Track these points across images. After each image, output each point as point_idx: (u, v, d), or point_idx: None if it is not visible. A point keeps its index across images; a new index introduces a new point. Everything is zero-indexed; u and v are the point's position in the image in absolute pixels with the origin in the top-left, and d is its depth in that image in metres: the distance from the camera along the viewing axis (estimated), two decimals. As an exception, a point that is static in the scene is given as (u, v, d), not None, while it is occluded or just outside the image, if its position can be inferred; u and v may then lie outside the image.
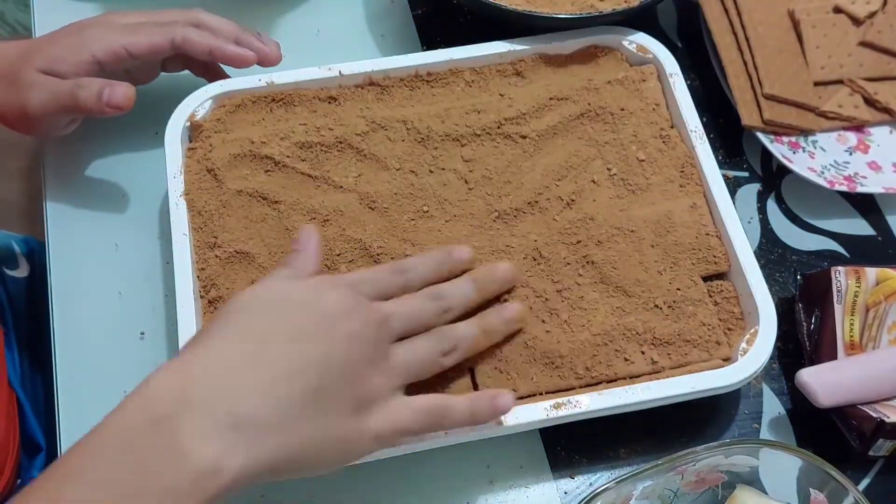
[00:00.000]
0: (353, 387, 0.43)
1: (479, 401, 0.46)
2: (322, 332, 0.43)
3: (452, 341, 0.48)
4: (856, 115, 0.65)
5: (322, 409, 0.41)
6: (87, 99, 0.55)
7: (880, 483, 0.54)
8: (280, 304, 0.44)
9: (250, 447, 0.38)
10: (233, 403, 0.39)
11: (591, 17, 0.62)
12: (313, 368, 0.42)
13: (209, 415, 0.38)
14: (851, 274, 0.56)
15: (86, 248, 0.59)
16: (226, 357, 0.41)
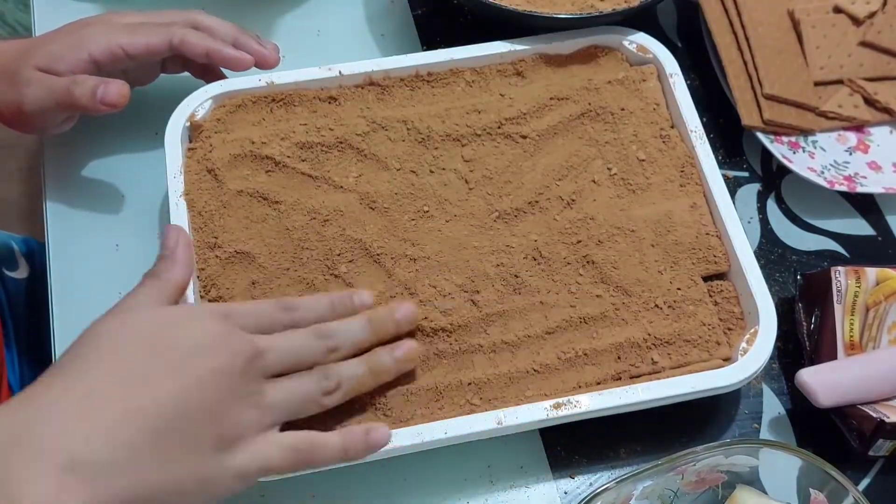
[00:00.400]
0: (214, 425, 0.41)
1: (350, 436, 0.45)
2: (184, 366, 0.41)
3: (335, 380, 0.46)
4: (856, 115, 0.65)
5: (174, 450, 0.40)
6: (82, 96, 0.55)
7: (880, 483, 0.54)
8: (136, 337, 0.42)
9: (90, 489, 0.37)
10: (71, 444, 0.37)
11: (591, 17, 0.62)
12: (163, 409, 0.40)
13: (44, 455, 0.37)
14: (851, 274, 0.56)
15: (86, 248, 0.59)
16: (70, 395, 0.39)
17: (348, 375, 0.47)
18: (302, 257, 0.54)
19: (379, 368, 0.48)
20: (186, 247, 0.47)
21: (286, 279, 0.54)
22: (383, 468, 0.52)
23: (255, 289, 0.53)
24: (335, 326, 0.47)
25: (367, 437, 0.46)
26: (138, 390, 0.40)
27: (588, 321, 0.53)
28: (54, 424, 0.38)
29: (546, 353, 0.52)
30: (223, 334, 0.43)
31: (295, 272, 0.54)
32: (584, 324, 0.53)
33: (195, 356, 0.41)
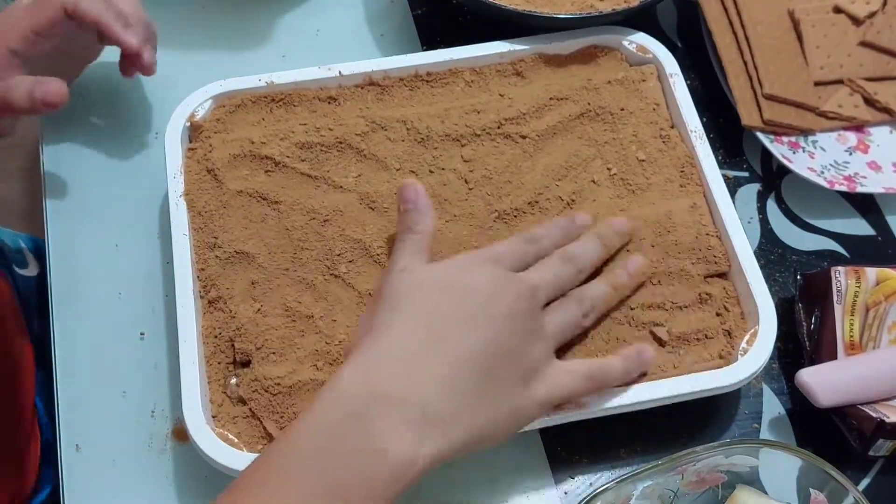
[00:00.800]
0: (517, 361, 0.45)
1: (629, 359, 0.50)
2: (483, 313, 0.45)
3: (590, 302, 0.51)
4: (856, 115, 0.65)
5: (494, 389, 0.44)
6: (20, 100, 0.55)
7: (880, 483, 0.54)
8: (436, 288, 0.46)
9: (438, 436, 0.41)
10: (419, 399, 0.41)
11: (591, 17, 0.62)
12: (483, 352, 0.44)
13: (399, 409, 0.41)
14: (851, 274, 0.56)
15: (86, 248, 0.59)
16: (404, 350, 0.43)
17: (597, 296, 0.51)
18: (302, 257, 0.54)
19: (619, 284, 0.52)
20: (425, 196, 0.51)
21: (286, 279, 0.54)
22: (383, 468, 0.52)
23: (254, 289, 0.53)
24: (575, 249, 0.52)
25: (640, 356, 0.50)
26: (458, 340, 0.44)
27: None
28: (404, 377, 0.42)
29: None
30: (504, 278, 0.47)
31: (295, 272, 0.54)
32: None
33: (491, 303, 0.45)
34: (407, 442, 0.40)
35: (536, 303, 0.47)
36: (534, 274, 0.49)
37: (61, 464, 0.52)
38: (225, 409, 0.50)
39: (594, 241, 0.53)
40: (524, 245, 0.51)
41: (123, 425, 0.53)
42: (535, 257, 0.51)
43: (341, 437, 0.40)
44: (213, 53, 0.67)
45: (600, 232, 0.54)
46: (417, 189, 0.51)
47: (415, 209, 0.50)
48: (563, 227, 0.53)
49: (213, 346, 0.52)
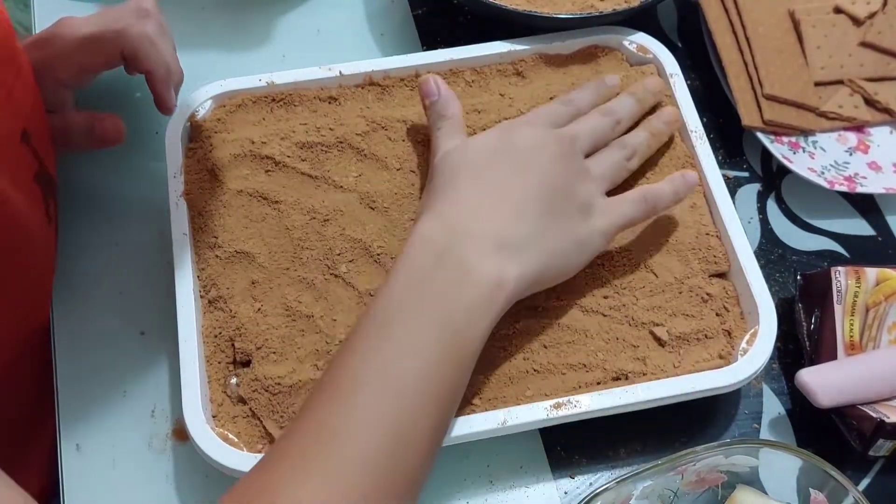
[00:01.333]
0: (572, 197, 0.51)
1: (675, 181, 0.55)
2: (532, 162, 0.51)
3: (632, 147, 0.56)
4: (856, 115, 0.65)
5: (557, 221, 0.50)
6: (79, 139, 0.58)
7: (880, 483, 0.54)
8: (483, 153, 0.52)
9: (518, 261, 0.47)
10: (494, 230, 0.48)
11: (591, 17, 0.62)
12: (539, 192, 0.50)
13: (480, 241, 0.47)
14: (851, 274, 0.56)
15: (86, 247, 0.59)
16: (470, 200, 0.49)
17: (638, 142, 0.56)
18: (302, 257, 0.54)
19: (656, 131, 0.57)
20: (445, 85, 0.57)
21: (286, 279, 0.54)
22: (383, 468, 0.52)
23: (255, 288, 0.53)
24: (612, 104, 0.57)
25: (685, 178, 0.55)
26: (514, 186, 0.50)
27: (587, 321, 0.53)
28: (477, 219, 0.48)
29: (546, 352, 0.52)
30: (544, 132, 0.53)
31: (295, 272, 0.54)
32: (583, 323, 0.53)
33: (537, 153, 0.51)
34: (493, 266, 0.46)
35: (577, 148, 0.53)
36: (573, 126, 0.54)
37: (61, 464, 0.52)
38: (225, 409, 0.50)
39: (630, 98, 0.58)
40: (559, 106, 0.56)
41: (123, 425, 0.53)
42: (572, 116, 0.56)
43: (436, 273, 0.46)
44: (213, 53, 0.67)
45: (635, 90, 0.58)
46: (437, 80, 0.56)
47: (439, 98, 0.55)
48: (594, 89, 0.58)
49: (213, 346, 0.52)
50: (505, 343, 0.52)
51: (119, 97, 0.65)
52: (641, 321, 0.53)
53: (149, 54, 0.58)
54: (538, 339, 0.52)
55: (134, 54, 0.57)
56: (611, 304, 0.54)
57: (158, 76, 0.58)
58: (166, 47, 0.59)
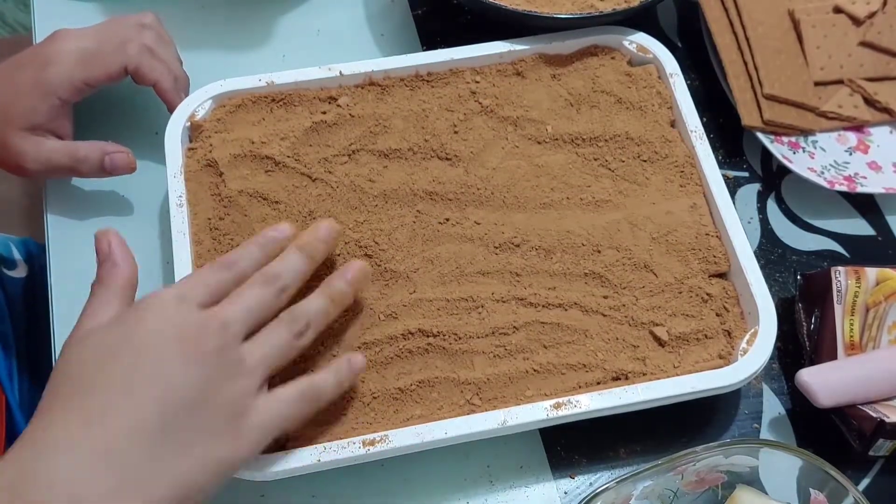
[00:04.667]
0: (209, 409, 0.41)
1: (339, 370, 0.48)
2: (153, 372, 0.41)
3: (304, 320, 0.47)
4: (856, 115, 0.65)
5: (180, 449, 0.40)
6: (90, 172, 0.58)
7: (880, 483, 0.54)
8: (102, 347, 0.42)
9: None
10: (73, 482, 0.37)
11: (591, 17, 0.62)
12: (155, 414, 0.40)
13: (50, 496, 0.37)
14: (851, 274, 0.56)
15: (86, 248, 0.59)
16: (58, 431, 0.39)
17: (314, 311, 0.47)
18: (302, 257, 0.54)
19: (337, 296, 0.49)
20: (120, 245, 0.46)
21: (286, 279, 0.54)
22: (383, 468, 0.52)
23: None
24: (276, 267, 0.47)
25: (350, 365, 0.48)
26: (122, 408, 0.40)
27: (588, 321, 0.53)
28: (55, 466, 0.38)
29: (546, 353, 0.52)
30: (184, 322, 0.43)
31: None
32: (583, 323, 0.53)
33: (165, 354, 0.41)
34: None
35: (230, 338, 0.43)
36: (226, 306, 0.44)
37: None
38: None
39: (296, 255, 0.48)
40: (218, 273, 0.46)
41: (123, 425, 0.53)
42: (235, 283, 0.46)
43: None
44: (213, 53, 0.67)
45: (302, 243, 0.49)
46: (111, 240, 0.46)
47: (108, 260, 0.46)
48: (261, 244, 0.48)
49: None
50: (505, 343, 0.52)
51: (119, 97, 0.65)
52: (641, 321, 0.53)
53: (153, 66, 0.58)
54: (538, 339, 0.52)
55: (137, 69, 0.58)
56: (611, 304, 0.54)
57: (165, 86, 0.59)
58: (168, 56, 0.60)
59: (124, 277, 0.46)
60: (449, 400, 0.50)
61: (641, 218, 0.56)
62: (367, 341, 0.52)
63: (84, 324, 0.44)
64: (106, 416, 0.39)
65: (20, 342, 0.74)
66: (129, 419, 0.39)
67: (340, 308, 0.49)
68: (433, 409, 0.50)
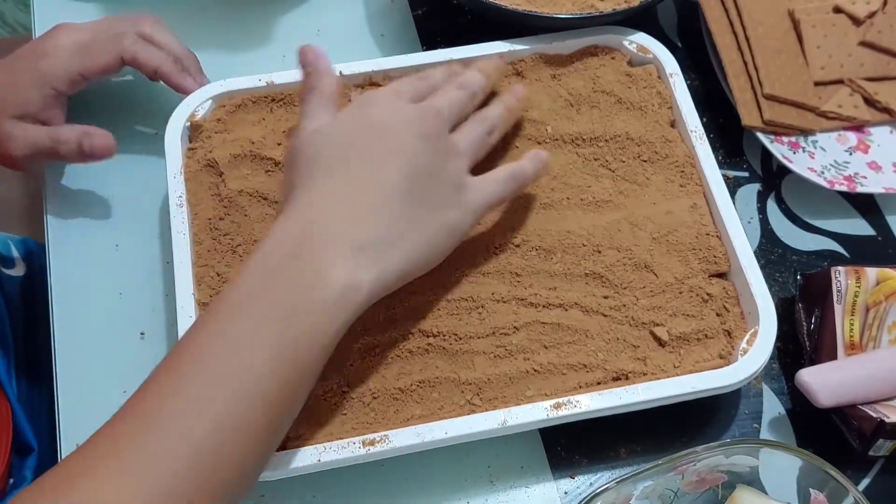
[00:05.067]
0: (439, 179, 0.49)
1: (534, 159, 0.54)
2: (397, 143, 0.48)
3: (491, 121, 0.54)
4: (856, 115, 0.65)
5: (423, 211, 0.48)
6: (69, 154, 0.58)
7: (880, 483, 0.54)
8: (346, 135, 0.48)
9: (377, 263, 0.45)
10: (352, 230, 0.45)
11: (591, 17, 0.62)
12: (406, 178, 0.47)
13: (336, 243, 0.45)
14: (851, 274, 0.56)
15: (86, 248, 0.59)
16: (328, 196, 0.46)
17: (496, 116, 0.55)
18: (302, 257, 0.54)
19: (510, 106, 0.56)
20: (324, 56, 0.53)
21: (286, 279, 0.54)
22: (383, 468, 0.52)
23: (255, 289, 0.53)
24: (465, 79, 0.55)
25: (538, 156, 0.55)
26: (375, 175, 0.47)
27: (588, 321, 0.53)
28: (335, 217, 0.46)
29: (546, 353, 0.52)
30: (408, 107, 0.50)
31: (295, 272, 0.54)
32: (583, 324, 0.53)
33: (401, 132, 0.49)
34: (347, 269, 0.44)
35: (443, 123, 0.51)
36: (435, 99, 0.52)
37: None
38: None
39: (476, 73, 0.56)
40: (417, 81, 0.53)
41: (123, 425, 0.53)
42: (429, 91, 0.53)
43: (288, 272, 0.44)
44: (213, 53, 0.67)
45: (479, 66, 0.57)
46: (316, 50, 0.53)
47: (314, 70, 0.52)
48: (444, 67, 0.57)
49: (213, 346, 0.52)
50: (505, 343, 0.52)
51: (119, 97, 0.65)
52: (642, 321, 0.53)
53: (150, 52, 0.58)
54: (538, 339, 0.52)
55: (133, 57, 0.58)
56: (611, 304, 0.54)
57: (167, 70, 0.59)
58: (167, 40, 0.60)
59: (331, 84, 0.52)
60: (449, 400, 0.50)
61: (642, 218, 0.56)
62: (367, 342, 0.52)
63: (307, 125, 0.50)
64: (366, 181, 0.47)
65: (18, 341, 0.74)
66: (385, 183, 0.47)
67: (513, 118, 0.57)
68: (433, 409, 0.50)
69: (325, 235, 0.45)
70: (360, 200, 0.46)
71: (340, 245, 0.45)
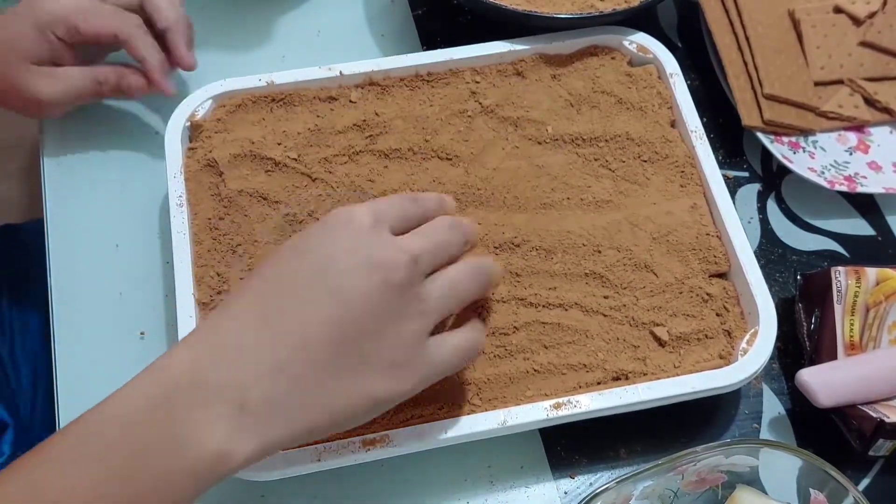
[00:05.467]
0: (382, 344, 0.40)
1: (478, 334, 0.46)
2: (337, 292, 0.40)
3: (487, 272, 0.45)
4: (856, 115, 0.65)
5: (347, 376, 0.39)
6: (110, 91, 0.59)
7: (880, 483, 0.54)
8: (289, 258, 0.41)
9: (261, 430, 0.38)
10: (241, 385, 0.38)
11: (591, 17, 0.62)
12: (332, 331, 0.39)
13: (215, 399, 0.37)
14: (851, 274, 0.56)
15: (86, 248, 0.59)
16: (236, 334, 0.39)
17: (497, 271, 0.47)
18: (302, 257, 0.54)
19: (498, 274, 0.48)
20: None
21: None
22: (384, 468, 0.52)
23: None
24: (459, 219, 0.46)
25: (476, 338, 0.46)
26: (299, 321, 0.39)
27: (588, 321, 0.53)
28: (230, 365, 0.38)
29: (546, 353, 0.52)
30: (378, 245, 0.41)
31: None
32: (584, 324, 0.53)
33: (351, 273, 0.40)
34: (217, 434, 0.37)
35: (416, 275, 0.41)
36: (417, 240, 0.43)
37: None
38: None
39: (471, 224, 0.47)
40: (409, 204, 0.44)
41: (123, 425, 0.53)
42: (420, 219, 0.45)
43: (147, 420, 0.37)
44: (213, 53, 0.67)
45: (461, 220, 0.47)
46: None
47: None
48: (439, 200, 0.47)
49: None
50: (505, 343, 0.52)
51: (119, 98, 0.65)
52: (642, 321, 0.53)
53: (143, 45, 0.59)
54: (538, 339, 0.52)
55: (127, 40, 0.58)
56: (611, 304, 0.54)
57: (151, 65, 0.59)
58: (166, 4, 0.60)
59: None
60: (449, 400, 0.50)
61: (642, 218, 0.56)
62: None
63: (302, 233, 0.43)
64: (289, 323, 0.39)
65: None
66: (308, 332, 0.39)
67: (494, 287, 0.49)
68: (433, 409, 0.50)
69: (210, 385, 0.38)
70: (270, 349, 0.39)
71: (224, 403, 0.37)
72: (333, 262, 0.40)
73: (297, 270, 0.41)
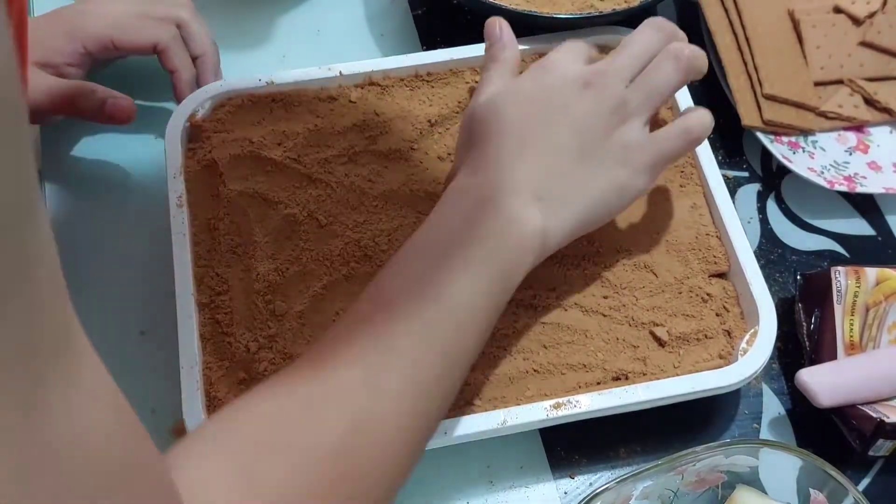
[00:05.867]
0: (608, 140, 0.49)
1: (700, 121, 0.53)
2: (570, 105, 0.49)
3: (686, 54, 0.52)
4: (856, 115, 0.65)
5: (594, 170, 0.49)
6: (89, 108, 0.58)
7: (880, 483, 0.54)
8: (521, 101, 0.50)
9: (557, 215, 0.47)
10: (529, 183, 0.47)
11: (591, 17, 0.62)
12: (572, 139, 0.48)
13: (521, 192, 0.46)
14: (851, 274, 0.56)
15: (86, 247, 0.59)
16: (506, 154, 0.48)
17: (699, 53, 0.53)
18: (302, 258, 0.54)
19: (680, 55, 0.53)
20: (508, 29, 0.55)
21: (286, 280, 0.54)
22: (383, 468, 0.52)
23: (255, 289, 0.53)
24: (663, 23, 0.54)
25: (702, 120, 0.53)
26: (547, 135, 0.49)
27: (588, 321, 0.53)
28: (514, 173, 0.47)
29: (546, 353, 0.52)
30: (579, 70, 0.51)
31: (295, 273, 0.54)
32: (583, 323, 0.53)
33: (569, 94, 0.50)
34: (534, 216, 0.46)
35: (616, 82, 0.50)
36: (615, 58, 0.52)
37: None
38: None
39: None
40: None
41: (123, 425, 0.53)
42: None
43: (476, 218, 0.45)
44: (214, 53, 0.67)
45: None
46: (501, 24, 0.55)
47: (498, 41, 0.54)
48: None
49: (212, 346, 0.52)
50: (505, 343, 0.52)
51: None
52: (641, 321, 0.53)
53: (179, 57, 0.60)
54: (538, 339, 0.52)
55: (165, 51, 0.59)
56: (611, 304, 0.54)
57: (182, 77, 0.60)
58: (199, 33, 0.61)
59: (514, 56, 0.54)
60: (449, 400, 0.50)
61: (641, 218, 0.56)
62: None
63: (486, 90, 0.52)
64: (540, 141, 0.48)
65: None
66: (557, 143, 0.49)
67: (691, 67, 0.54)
68: (433, 409, 0.50)
69: (511, 185, 0.47)
70: (537, 155, 0.48)
71: (525, 194, 0.47)
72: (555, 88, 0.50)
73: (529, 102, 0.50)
